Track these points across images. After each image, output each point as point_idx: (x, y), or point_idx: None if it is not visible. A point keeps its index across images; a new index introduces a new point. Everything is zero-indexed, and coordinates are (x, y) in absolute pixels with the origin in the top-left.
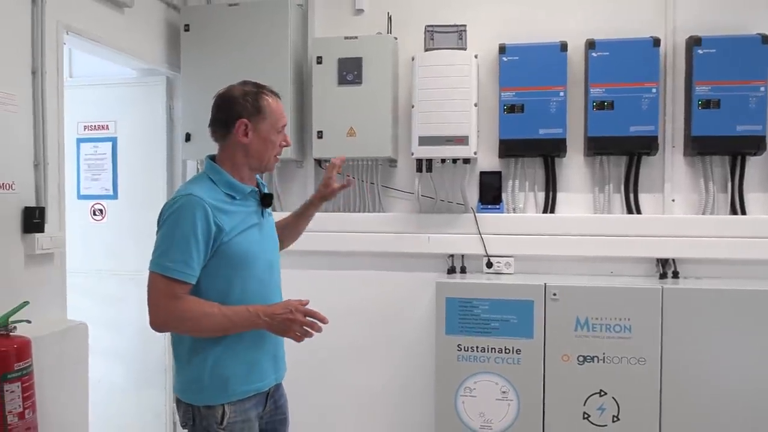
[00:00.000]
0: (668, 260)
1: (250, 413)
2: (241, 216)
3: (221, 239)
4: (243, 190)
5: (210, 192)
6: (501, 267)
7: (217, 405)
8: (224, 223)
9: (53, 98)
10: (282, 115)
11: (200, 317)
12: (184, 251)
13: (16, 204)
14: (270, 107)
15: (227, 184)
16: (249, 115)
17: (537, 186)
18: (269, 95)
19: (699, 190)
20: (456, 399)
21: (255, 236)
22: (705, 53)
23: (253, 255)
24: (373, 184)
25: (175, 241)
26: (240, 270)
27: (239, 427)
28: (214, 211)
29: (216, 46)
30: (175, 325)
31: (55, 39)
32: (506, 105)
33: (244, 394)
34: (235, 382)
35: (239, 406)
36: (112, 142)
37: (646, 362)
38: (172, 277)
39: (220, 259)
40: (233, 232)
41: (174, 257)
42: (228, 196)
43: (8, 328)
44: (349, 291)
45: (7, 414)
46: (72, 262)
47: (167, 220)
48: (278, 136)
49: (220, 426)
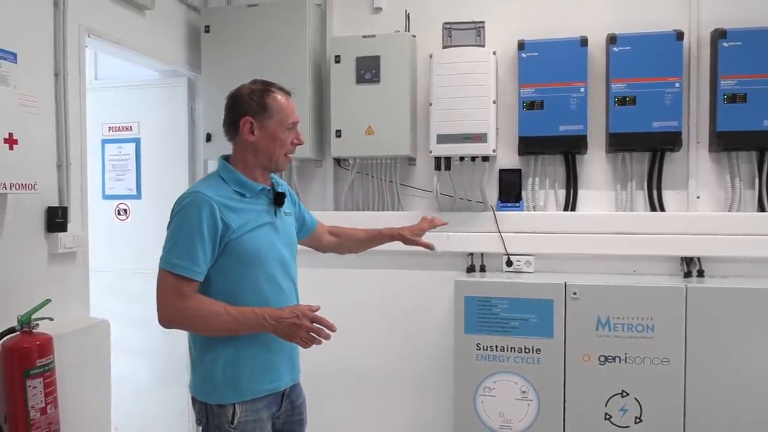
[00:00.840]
0: (693, 259)
1: (262, 413)
2: (251, 214)
3: (229, 236)
4: (253, 188)
5: (219, 190)
6: (521, 265)
7: (228, 404)
8: (232, 220)
9: (75, 100)
10: (291, 112)
11: (207, 316)
12: (190, 248)
13: (40, 204)
14: (277, 104)
15: (237, 182)
16: (254, 113)
17: (557, 183)
18: (278, 92)
19: (725, 186)
20: (475, 398)
21: (266, 234)
22: (730, 46)
23: (264, 253)
24: (392, 182)
25: (182, 238)
26: (250, 267)
27: (251, 427)
28: (221, 208)
29: (236, 47)
30: (181, 322)
31: (77, 41)
32: (525, 102)
33: (256, 394)
34: (248, 381)
35: (251, 405)
36: (135, 143)
37: (669, 362)
38: (179, 274)
39: (229, 256)
40: (242, 229)
41: (180, 254)
42: (238, 194)
43: (31, 326)
44: (367, 289)
45: (29, 409)
46: (97, 261)
47: (175, 217)
48: (288, 133)
49: (231, 425)
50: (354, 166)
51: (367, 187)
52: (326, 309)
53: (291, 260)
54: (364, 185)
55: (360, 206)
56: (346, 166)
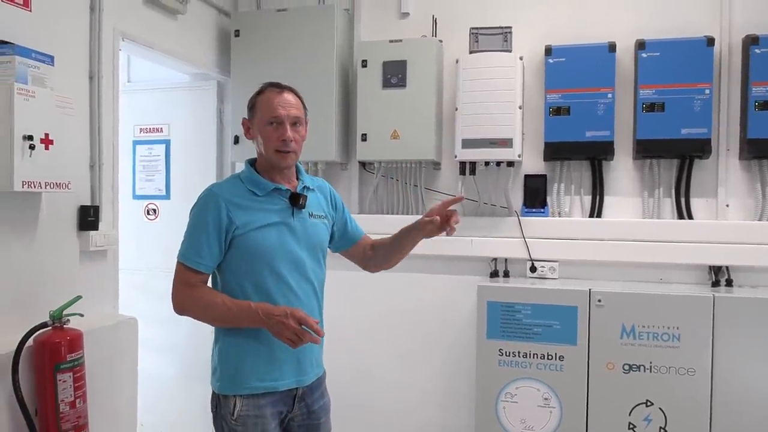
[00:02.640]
0: (721, 268)
1: (265, 410)
2: (261, 213)
3: (234, 232)
4: (265, 187)
5: (232, 188)
6: (545, 271)
7: (230, 395)
8: (237, 217)
9: (109, 102)
10: (273, 108)
11: (205, 306)
12: (196, 241)
13: (73, 203)
14: (261, 101)
15: (250, 181)
16: (249, 113)
17: (583, 190)
18: (269, 90)
19: (755, 195)
20: (497, 404)
21: (276, 233)
22: (762, 52)
23: (270, 251)
24: (416, 186)
25: (190, 232)
26: (254, 264)
27: (252, 422)
28: (228, 204)
29: (264, 51)
30: (187, 309)
31: (111, 45)
32: (552, 107)
33: (255, 390)
34: (247, 376)
35: (252, 401)
36: (165, 144)
37: (695, 373)
38: (186, 265)
39: (235, 251)
40: (247, 227)
41: (188, 246)
42: (250, 192)
43: (62, 321)
44: (391, 293)
45: (59, 403)
46: (127, 260)
47: (190, 213)
48: (271, 129)
49: (232, 417)
50: (379, 169)
51: (392, 191)
52: (349, 311)
53: (312, 262)
54: (389, 189)
55: (384, 210)
56: (371, 169)
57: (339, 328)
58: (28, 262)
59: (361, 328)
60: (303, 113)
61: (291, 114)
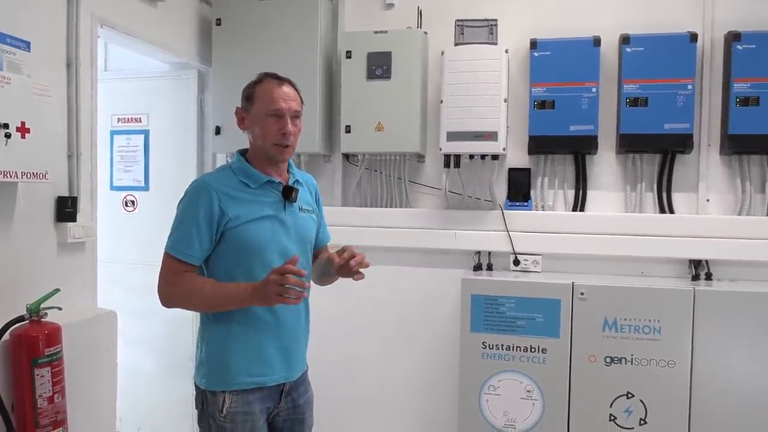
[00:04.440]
0: (701, 261)
1: (254, 406)
2: (253, 205)
3: (225, 224)
4: (258, 179)
5: (223, 178)
6: (528, 265)
7: (218, 392)
8: (229, 208)
9: (87, 90)
10: (274, 99)
11: (193, 290)
12: (185, 232)
13: (50, 193)
14: (261, 91)
15: (242, 172)
16: (244, 102)
17: (567, 183)
18: (268, 80)
19: (735, 190)
20: (480, 397)
21: (268, 227)
22: (744, 49)
23: (262, 244)
24: (401, 179)
25: (179, 222)
26: (246, 257)
27: (241, 419)
28: (220, 195)
29: (247, 40)
30: (174, 299)
31: (89, 32)
32: (536, 101)
33: (245, 385)
34: (236, 371)
35: (241, 396)
36: (144, 135)
37: (675, 365)
38: (175, 256)
39: (227, 244)
40: (239, 219)
41: (177, 238)
42: (242, 184)
43: (39, 315)
44: (374, 286)
45: (37, 398)
46: (104, 252)
47: (179, 202)
48: (271, 121)
49: (221, 414)
50: (363, 162)
51: (376, 184)
52: (332, 304)
53: (301, 255)
54: (373, 181)
55: (368, 202)
56: (355, 161)
57: (322, 320)
58: (3, 254)
59: (344, 321)
60: (301, 107)
61: (292, 108)
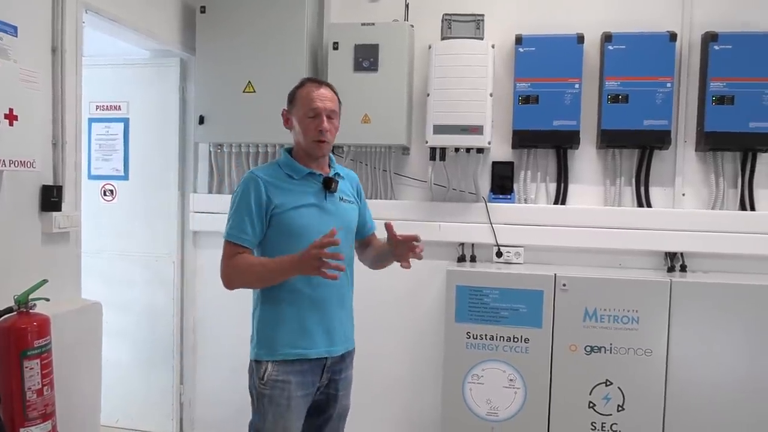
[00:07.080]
0: (676, 254)
1: (291, 377)
2: (296, 194)
3: (272, 210)
4: (300, 171)
5: (270, 171)
6: (510, 257)
7: (263, 361)
8: (275, 196)
9: (72, 77)
10: (312, 101)
11: (247, 267)
12: (239, 218)
13: (36, 182)
14: (301, 95)
15: (287, 165)
16: (288, 105)
17: (549, 177)
18: (309, 85)
19: (709, 185)
20: (464, 386)
21: (311, 213)
22: (721, 49)
23: (306, 229)
24: (386, 171)
25: (234, 211)
26: (291, 241)
27: (279, 387)
28: (267, 185)
29: (232, 29)
30: (235, 279)
31: (74, 17)
32: (521, 96)
33: (288, 356)
34: (281, 343)
35: (282, 366)
36: (124, 123)
37: (652, 353)
38: (231, 241)
39: (274, 228)
40: (285, 206)
41: (232, 224)
42: (287, 176)
43: (28, 306)
44: (359, 276)
45: (26, 391)
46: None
47: (233, 196)
48: (310, 121)
49: (261, 381)
50: (348, 153)
51: (361, 175)
52: None
53: (343, 241)
54: (358, 173)
55: None
56: (341, 153)
57: None
58: None
59: None
60: (338, 107)
61: (327, 107)
